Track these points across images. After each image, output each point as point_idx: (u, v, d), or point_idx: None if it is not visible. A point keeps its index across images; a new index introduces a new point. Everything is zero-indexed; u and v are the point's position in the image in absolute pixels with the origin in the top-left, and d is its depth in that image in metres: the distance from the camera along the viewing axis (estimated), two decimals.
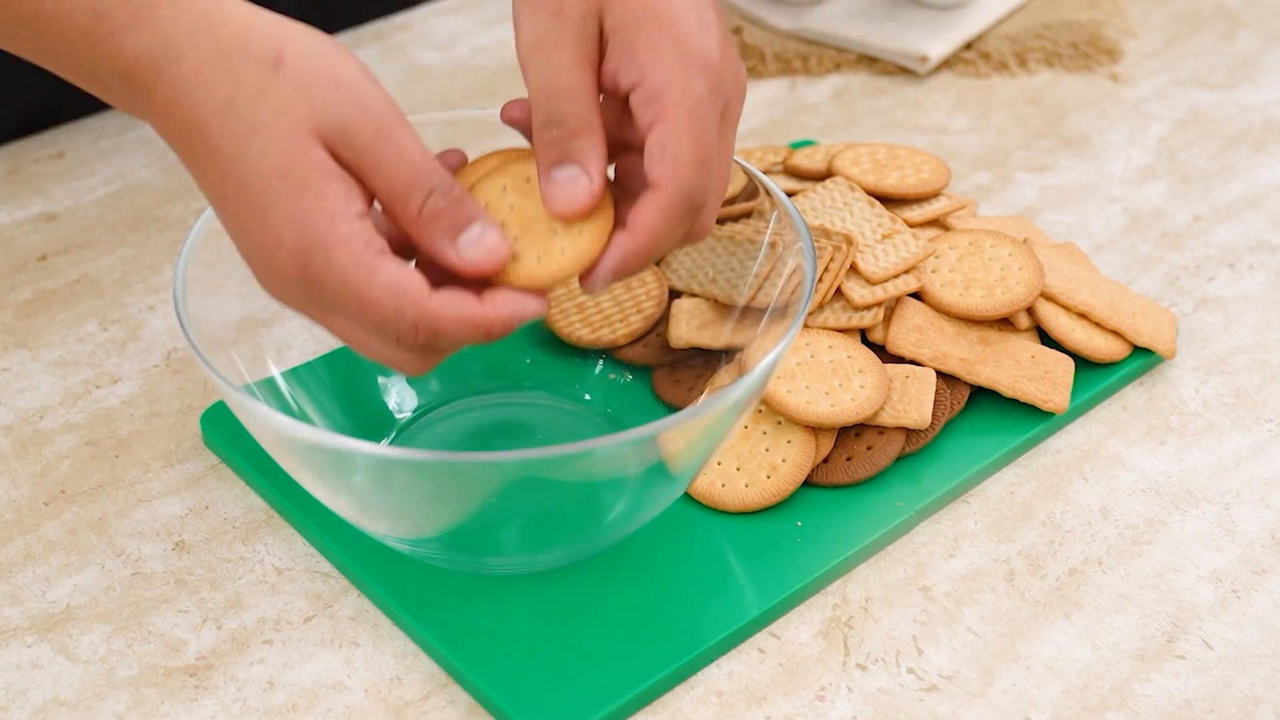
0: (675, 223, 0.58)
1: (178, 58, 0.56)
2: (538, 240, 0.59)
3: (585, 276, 0.59)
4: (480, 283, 0.58)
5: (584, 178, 0.58)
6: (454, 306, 0.56)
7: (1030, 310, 0.76)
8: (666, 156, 0.57)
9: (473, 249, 0.56)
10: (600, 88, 0.60)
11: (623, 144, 0.62)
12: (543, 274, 0.58)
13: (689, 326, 0.74)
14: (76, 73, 0.59)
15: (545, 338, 0.77)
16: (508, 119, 0.63)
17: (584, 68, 0.59)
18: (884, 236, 0.77)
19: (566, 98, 0.58)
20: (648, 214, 0.58)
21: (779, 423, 0.70)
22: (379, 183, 0.55)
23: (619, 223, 0.59)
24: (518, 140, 0.64)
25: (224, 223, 0.57)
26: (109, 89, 0.59)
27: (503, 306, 0.56)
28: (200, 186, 0.58)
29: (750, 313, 0.71)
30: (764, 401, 0.70)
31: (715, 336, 0.73)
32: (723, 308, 0.73)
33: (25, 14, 0.58)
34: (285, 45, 0.56)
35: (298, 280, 0.55)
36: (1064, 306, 0.77)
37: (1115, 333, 0.77)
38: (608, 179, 0.60)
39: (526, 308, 0.57)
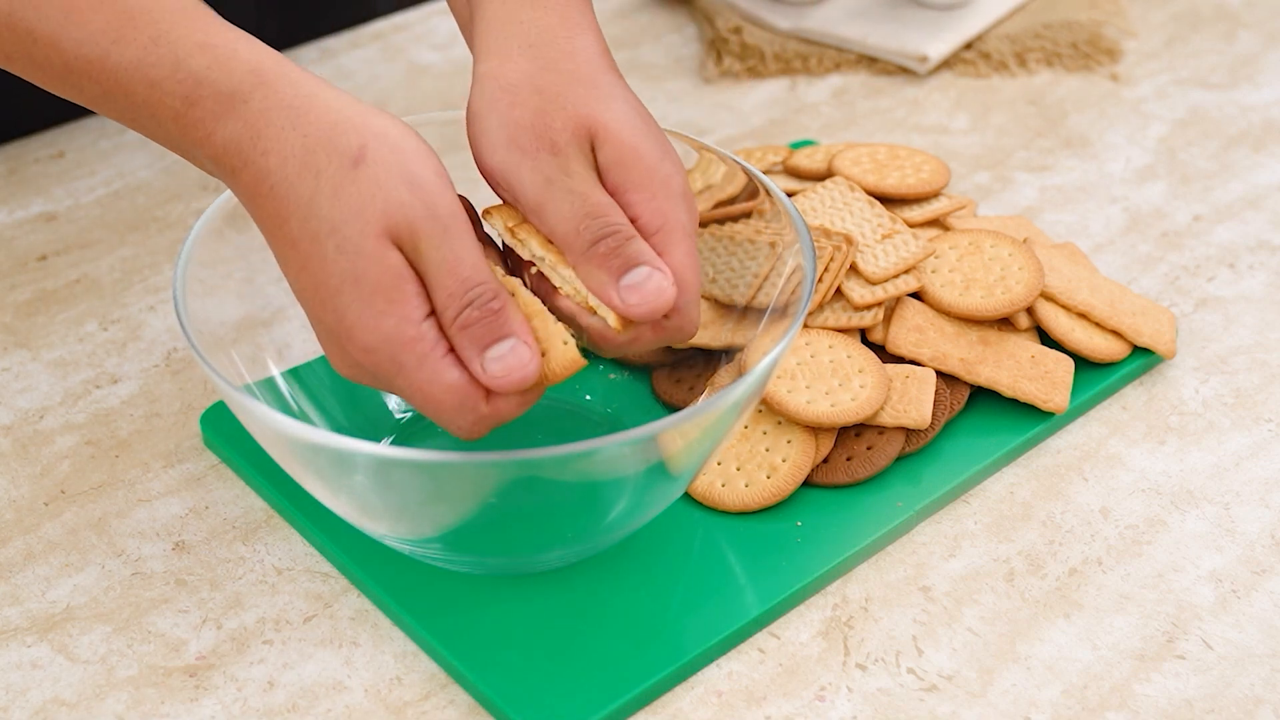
0: (659, 343, 0.62)
1: (265, 151, 0.58)
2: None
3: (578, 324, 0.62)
4: None
5: (658, 273, 0.60)
6: (511, 403, 0.59)
7: (1030, 310, 0.76)
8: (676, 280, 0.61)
9: (495, 364, 0.58)
10: None
11: None
12: (564, 369, 0.60)
13: None
14: (159, 141, 0.62)
15: None
16: None
17: (602, 189, 0.62)
18: (884, 236, 0.77)
19: (605, 211, 0.61)
20: (644, 328, 0.61)
21: (779, 423, 0.70)
22: (430, 286, 0.58)
23: None
24: None
25: (300, 300, 0.60)
26: (194, 161, 0.62)
27: (541, 387, 0.59)
28: (280, 267, 0.60)
29: (750, 312, 0.71)
30: (764, 401, 0.70)
31: (715, 336, 0.73)
32: (723, 308, 0.73)
33: (114, 94, 0.60)
34: (368, 141, 0.58)
35: (368, 372, 0.59)
36: (1064, 306, 0.77)
37: (1115, 333, 0.77)
38: None
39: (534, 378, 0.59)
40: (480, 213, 0.65)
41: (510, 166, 0.63)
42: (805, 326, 0.74)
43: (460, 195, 0.64)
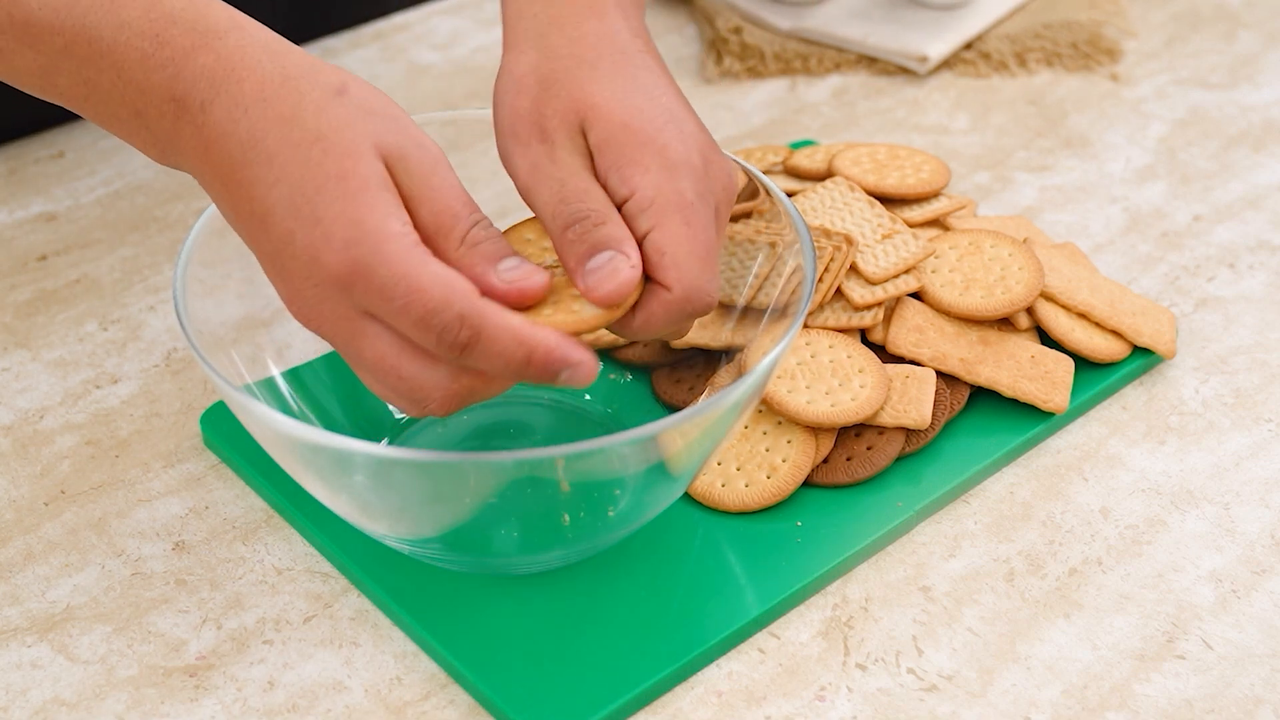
0: (673, 320, 0.60)
1: (240, 79, 0.58)
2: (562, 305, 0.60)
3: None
4: None
5: (620, 258, 0.59)
6: (503, 315, 0.56)
7: (1030, 310, 0.76)
8: (666, 261, 0.59)
9: (513, 271, 0.57)
10: None
11: None
12: (568, 324, 0.59)
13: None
14: (111, 104, 0.60)
15: None
16: None
17: (586, 173, 0.61)
18: (884, 236, 0.77)
19: (580, 197, 0.60)
20: (652, 305, 0.60)
21: (779, 423, 0.70)
22: (426, 211, 0.57)
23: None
24: None
25: (264, 238, 0.57)
26: (145, 121, 0.60)
27: (551, 338, 0.56)
28: (237, 208, 0.58)
29: (750, 313, 0.71)
30: (764, 401, 0.70)
31: (715, 336, 0.73)
32: (723, 308, 0.73)
33: (76, 43, 0.59)
34: (348, 80, 0.58)
35: (342, 281, 0.56)
36: (1064, 306, 0.77)
37: (1115, 333, 0.77)
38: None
39: (571, 353, 0.56)
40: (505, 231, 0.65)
41: (506, 156, 0.63)
42: (805, 326, 0.74)
43: None
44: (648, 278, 0.60)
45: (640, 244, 0.60)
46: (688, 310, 0.60)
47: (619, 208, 0.61)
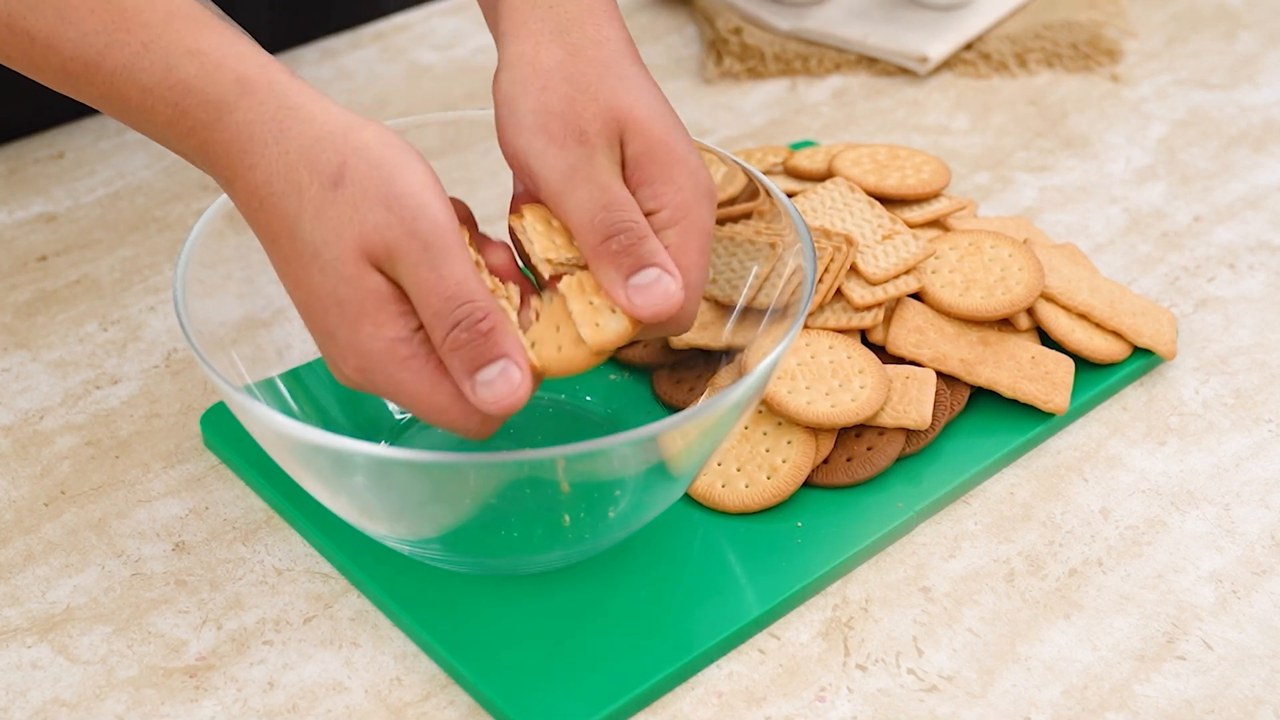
0: (661, 331, 0.62)
1: (252, 165, 0.58)
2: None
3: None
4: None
5: (666, 276, 0.60)
6: (475, 421, 0.59)
7: (1030, 311, 0.76)
8: (680, 270, 0.61)
9: (484, 389, 0.57)
10: None
11: None
12: (596, 341, 0.60)
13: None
14: (166, 146, 0.62)
15: None
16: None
17: (621, 180, 0.62)
18: (884, 237, 0.77)
19: (622, 208, 0.61)
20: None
21: (779, 423, 0.70)
22: (419, 308, 0.57)
23: None
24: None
25: (299, 312, 0.60)
26: (198, 165, 0.62)
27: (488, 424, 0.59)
28: (279, 278, 0.60)
29: (750, 313, 0.71)
30: (764, 402, 0.70)
31: (715, 337, 0.73)
32: (723, 308, 0.73)
33: (112, 96, 0.60)
34: (348, 159, 0.58)
35: (368, 386, 0.59)
36: (1064, 307, 0.77)
37: (1115, 333, 0.77)
38: None
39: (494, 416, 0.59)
40: (510, 208, 0.65)
41: (535, 152, 0.62)
42: (805, 327, 0.74)
43: (456, 199, 0.64)
44: None
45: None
46: (673, 330, 0.63)
47: (649, 214, 0.62)
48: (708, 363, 0.73)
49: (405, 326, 0.57)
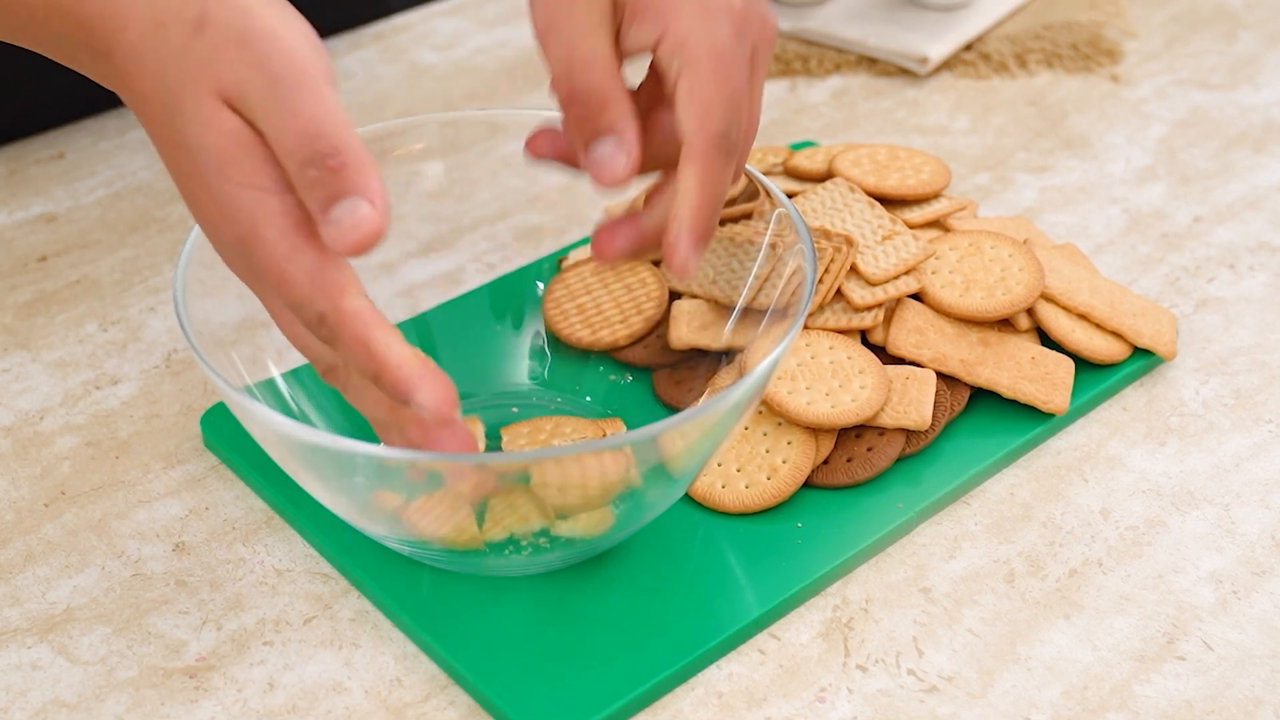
0: (718, 166, 0.59)
1: (123, 25, 0.55)
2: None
3: (671, 262, 0.59)
4: None
5: (620, 148, 0.59)
6: (362, 323, 0.54)
7: (1030, 311, 0.76)
8: (695, 102, 0.58)
9: (330, 227, 0.52)
10: (624, 53, 0.60)
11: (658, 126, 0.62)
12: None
13: (689, 328, 0.74)
14: (55, 50, 0.59)
15: (546, 339, 0.77)
16: (534, 153, 0.62)
17: (599, 34, 0.59)
18: (884, 238, 0.77)
19: (585, 68, 0.59)
20: (690, 169, 0.59)
21: (779, 424, 0.70)
22: (276, 151, 0.54)
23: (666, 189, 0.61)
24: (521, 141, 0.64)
25: (178, 186, 0.57)
26: (83, 65, 0.58)
27: (404, 365, 0.53)
28: (160, 156, 0.57)
29: (750, 314, 0.71)
30: (764, 403, 0.70)
31: (715, 338, 0.73)
32: (723, 309, 0.73)
33: None
34: (209, 3, 0.54)
35: (237, 250, 0.55)
36: (1064, 307, 0.77)
37: (1115, 334, 0.77)
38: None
39: (420, 385, 0.53)
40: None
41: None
42: (805, 328, 0.74)
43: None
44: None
45: (671, 91, 0.59)
46: (723, 151, 0.59)
47: (650, 53, 0.59)
48: (708, 363, 0.73)
49: (273, 177, 0.54)
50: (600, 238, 0.63)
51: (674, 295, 0.78)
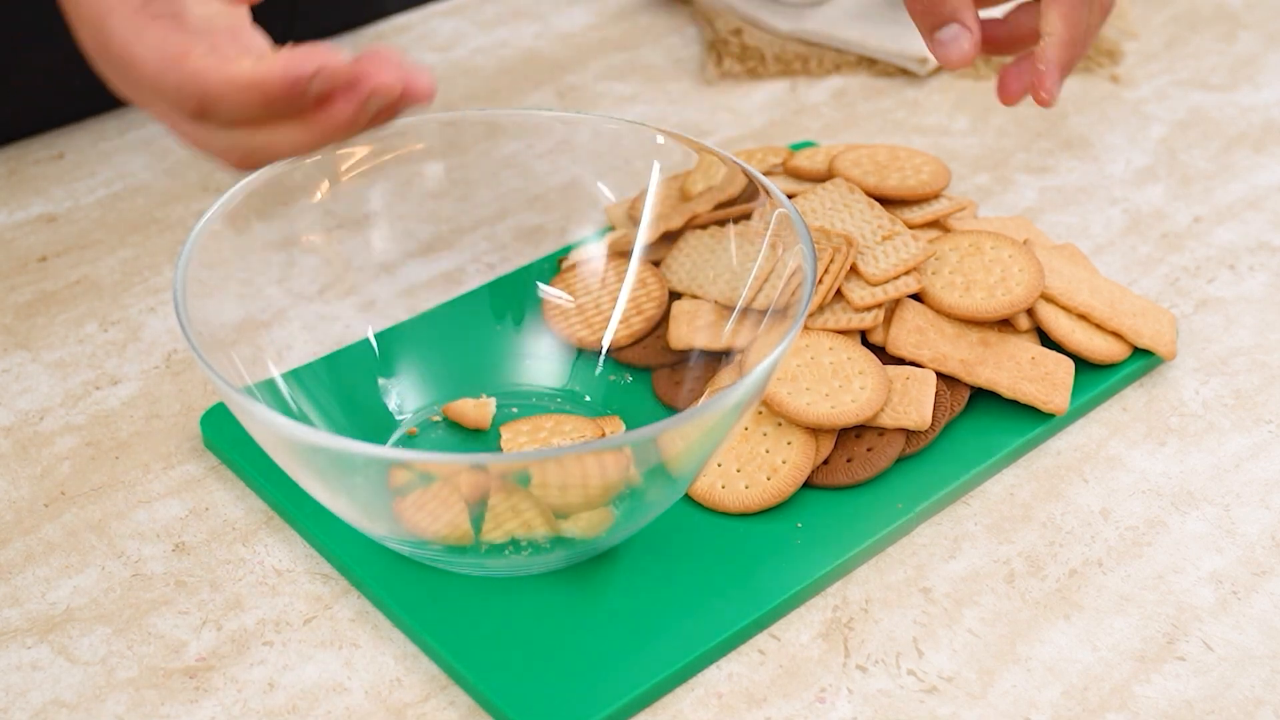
0: (1080, 6, 0.69)
1: None
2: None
3: (1039, 94, 0.71)
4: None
5: (964, 31, 0.69)
6: (220, 69, 0.53)
7: (1030, 312, 0.76)
8: (1052, 41, 0.69)
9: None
10: None
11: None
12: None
13: (689, 328, 0.74)
14: None
15: (545, 339, 0.77)
16: (1008, 97, 0.73)
17: None
18: (884, 238, 0.77)
19: None
20: (1055, 11, 0.69)
21: (779, 424, 0.70)
22: None
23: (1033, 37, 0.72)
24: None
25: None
26: None
27: (277, 64, 0.52)
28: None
29: (750, 314, 0.71)
30: (764, 403, 0.70)
31: (715, 338, 0.73)
32: (723, 309, 0.73)
33: None
34: None
35: (101, 58, 0.55)
36: (1064, 308, 0.77)
37: (1116, 334, 0.77)
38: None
39: (307, 61, 0.52)
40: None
41: None
42: (805, 328, 0.74)
43: None
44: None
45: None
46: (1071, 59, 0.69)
47: None
48: (708, 364, 0.73)
49: None
50: (1005, 84, 0.73)
51: (674, 295, 0.78)
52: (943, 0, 0.69)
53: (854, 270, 0.75)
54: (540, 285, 0.78)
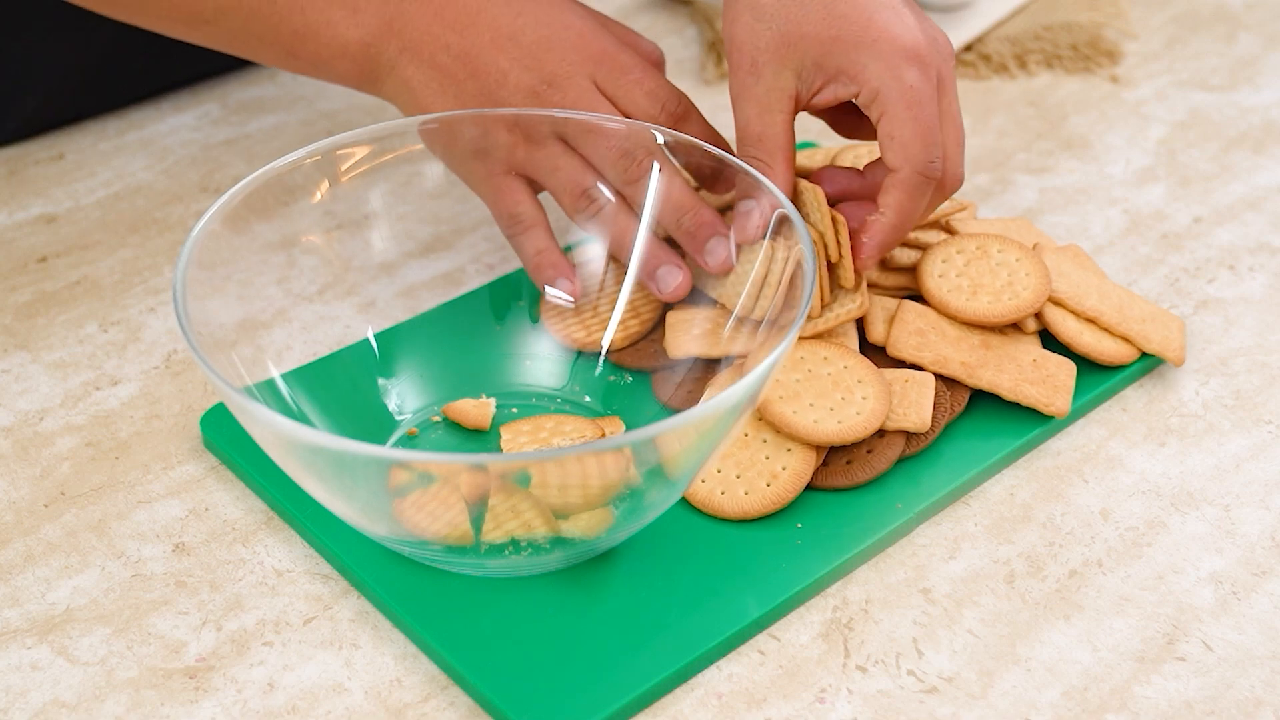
0: (918, 195, 0.70)
1: None
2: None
3: (856, 261, 0.71)
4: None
5: (756, 208, 0.70)
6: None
7: (1038, 314, 0.76)
8: (895, 145, 0.69)
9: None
10: (827, 105, 0.72)
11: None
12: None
13: (688, 335, 0.74)
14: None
15: (545, 339, 0.77)
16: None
17: (771, 114, 0.71)
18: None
19: (752, 142, 0.72)
20: (893, 195, 0.70)
21: (779, 430, 0.70)
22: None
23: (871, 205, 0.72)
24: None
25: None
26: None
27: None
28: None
29: (751, 314, 0.71)
30: (771, 423, 0.70)
31: (715, 345, 0.73)
32: (718, 314, 0.73)
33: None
34: None
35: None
36: (1072, 312, 0.76)
37: (1124, 339, 0.77)
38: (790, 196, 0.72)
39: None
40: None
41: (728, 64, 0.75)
42: (801, 338, 0.73)
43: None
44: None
45: (876, 129, 0.70)
46: (921, 183, 0.69)
47: (855, 103, 0.71)
48: (708, 364, 0.73)
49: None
50: (823, 176, 0.75)
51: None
52: (768, 168, 0.72)
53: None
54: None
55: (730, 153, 0.72)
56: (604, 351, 0.76)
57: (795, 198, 0.73)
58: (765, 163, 0.71)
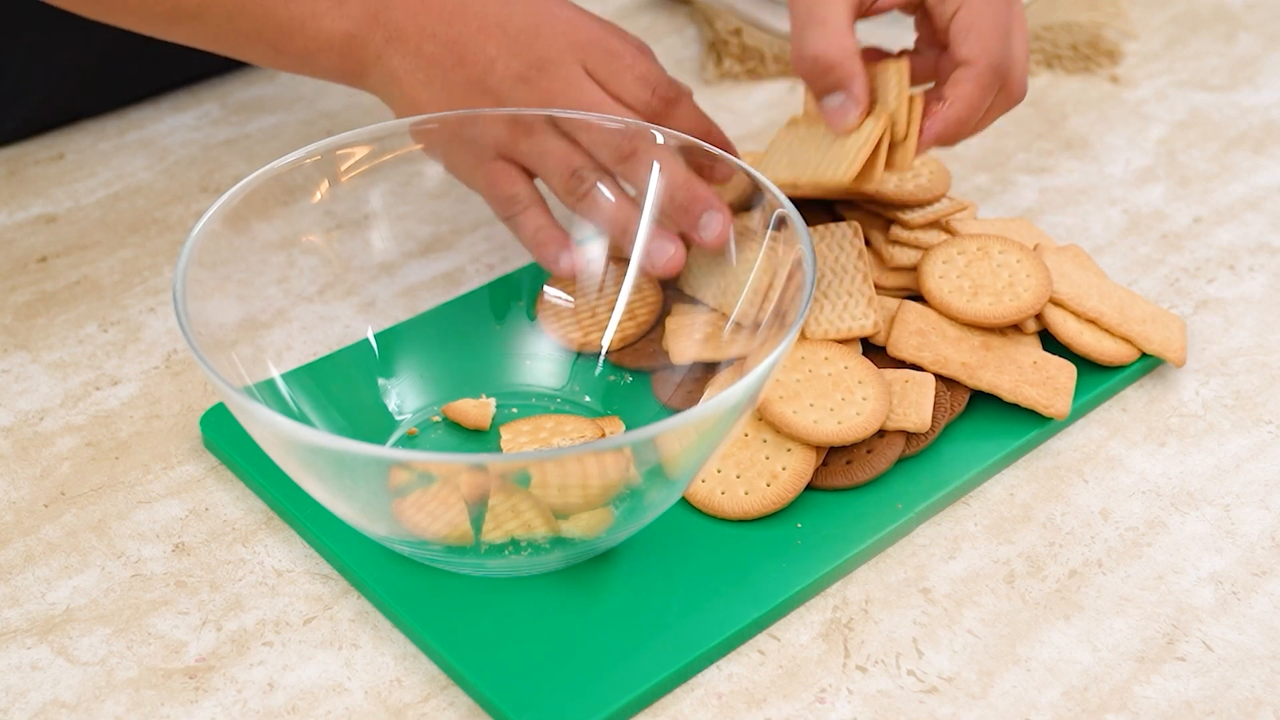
0: (987, 90, 0.71)
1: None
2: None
3: (919, 145, 0.72)
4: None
5: (850, 100, 0.71)
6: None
7: (1038, 315, 0.76)
8: (972, 35, 0.70)
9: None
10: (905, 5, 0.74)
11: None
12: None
13: (689, 339, 0.74)
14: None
15: (545, 339, 0.77)
16: None
17: (833, 23, 0.72)
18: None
19: (820, 33, 0.72)
20: (964, 87, 0.70)
21: (779, 430, 0.70)
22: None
23: (938, 98, 0.72)
24: None
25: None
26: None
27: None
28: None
29: (750, 316, 0.71)
30: (771, 423, 0.70)
31: (716, 348, 0.73)
32: (717, 317, 0.73)
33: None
34: None
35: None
36: (1073, 313, 0.76)
37: (1125, 339, 0.77)
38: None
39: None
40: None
41: None
42: (802, 337, 0.73)
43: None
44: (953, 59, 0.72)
45: (945, 27, 0.71)
46: (993, 78, 0.70)
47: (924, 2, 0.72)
48: (707, 366, 0.73)
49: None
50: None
51: (670, 300, 0.77)
52: (828, 70, 0.72)
53: (876, 255, 0.78)
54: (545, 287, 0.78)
55: (723, 145, 0.71)
56: (604, 351, 0.76)
57: (874, 80, 0.73)
58: (829, 57, 0.71)
